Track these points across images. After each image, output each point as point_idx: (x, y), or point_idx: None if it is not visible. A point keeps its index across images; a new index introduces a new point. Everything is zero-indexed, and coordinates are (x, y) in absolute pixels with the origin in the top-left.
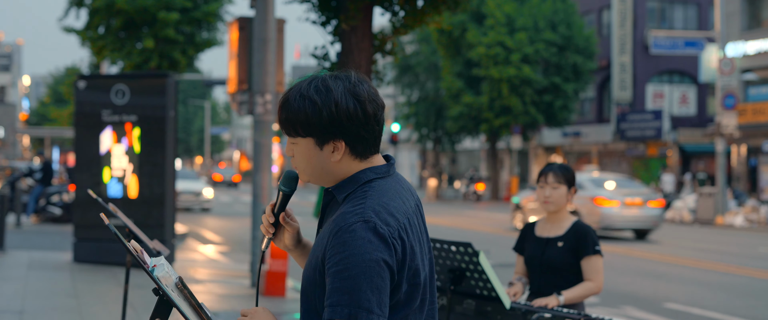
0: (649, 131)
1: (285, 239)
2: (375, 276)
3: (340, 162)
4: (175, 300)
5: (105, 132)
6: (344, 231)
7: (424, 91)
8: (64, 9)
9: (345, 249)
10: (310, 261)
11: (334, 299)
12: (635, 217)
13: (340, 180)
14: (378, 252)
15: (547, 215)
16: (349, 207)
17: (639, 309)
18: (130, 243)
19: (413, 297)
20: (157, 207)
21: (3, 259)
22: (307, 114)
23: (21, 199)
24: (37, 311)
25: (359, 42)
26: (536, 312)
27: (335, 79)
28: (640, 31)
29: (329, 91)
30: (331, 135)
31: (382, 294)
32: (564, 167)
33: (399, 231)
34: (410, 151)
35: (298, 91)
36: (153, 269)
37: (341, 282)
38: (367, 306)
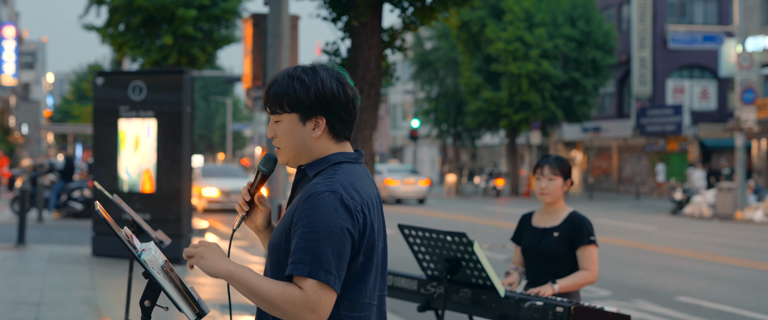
0: (669, 126)
1: (257, 219)
2: (337, 242)
3: (319, 139)
4: (160, 282)
5: (122, 127)
6: (314, 197)
7: (443, 86)
8: (85, 7)
9: (312, 214)
10: (279, 227)
11: (297, 257)
12: (409, 191)
13: (314, 159)
14: (343, 220)
15: (543, 206)
16: (320, 180)
17: (651, 303)
18: (123, 230)
19: (368, 272)
20: (175, 202)
21: (23, 253)
22: (295, 90)
23: (43, 195)
24: (54, 303)
25: (369, 38)
26: (529, 300)
27: (319, 67)
28: (660, 25)
29: (316, 72)
30: (314, 111)
31: (342, 260)
32: (559, 159)
33: (362, 206)
34: (430, 146)
35: (287, 73)
36: (141, 253)
37: (306, 242)
38: (327, 267)
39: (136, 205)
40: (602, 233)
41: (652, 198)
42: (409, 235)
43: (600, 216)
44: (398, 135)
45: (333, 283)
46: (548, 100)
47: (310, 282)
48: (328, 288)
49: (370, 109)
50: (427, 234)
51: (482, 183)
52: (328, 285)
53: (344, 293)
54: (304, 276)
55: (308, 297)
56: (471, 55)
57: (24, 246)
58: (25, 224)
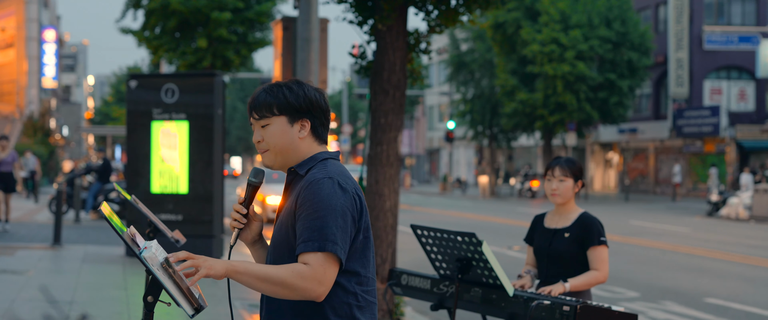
0: (707, 127)
1: (253, 231)
2: (340, 218)
3: (304, 140)
4: (159, 278)
5: (155, 129)
6: (314, 184)
7: (479, 88)
8: (122, 10)
9: (315, 197)
10: (281, 221)
11: (306, 235)
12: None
13: (301, 160)
14: (342, 200)
15: (555, 207)
16: (315, 171)
17: (679, 304)
18: (128, 229)
19: (367, 248)
20: (207, 203)
21: (59, 253)
22: (285, 95)
23: (80, 196)
24: (86, 302)
25: (394, 41)
26: (537, 298)
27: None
28: (697, 26)
29: (299, 83)
30: (301, 114)
31: (345, 235)
32: (570, 161)
33: (355, 190)
34: (466, 148)
35: (274, 85)
36: (142, 251)
37: (312, 221)
38: (333, 239)
39: (170, 206)
40: (636, 235)
41: (688, 200)
42: (421, 235)
43: (635, 218)
44: (434, 136)
45: (339, 253)
46: (584, 102)
47: (318, 256)
48: (333, 260)
49: (395, 111)
50: (438, 234)
51: (517, 184)
52: (336, 254)
53: (354, 269)
54: (313, 251)
55: (315, 270)
56: (506, 56)
57: (60, 246)
58: (61, 224)
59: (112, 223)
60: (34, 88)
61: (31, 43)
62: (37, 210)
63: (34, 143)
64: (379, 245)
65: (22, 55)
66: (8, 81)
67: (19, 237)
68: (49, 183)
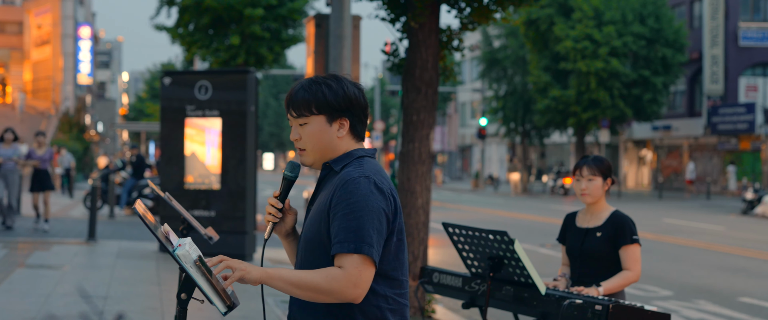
0: (742, 125)
1: (287, 224)
2: (375, 220)
3: (343, 139)
4: (192, 276)
5: (189, 126)
6: (350, 182)
7: (511, 85)
8: (156, 7)
9: (351, 196)
10: (314, 218)
11: (342, 236)
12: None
13: (338, 156)
14: (378, 201)
15: (586, 206)
16: (351, 169)
17: (712, 303)
18: (161, 227)
19: (401, 251)
20: (240, 200)
21: (93, 248)
22: (324, 94)
23: (114, 192)
24: (120, 297)
25: (426, 38)
26: (569, 297)
27: (340, 76)
28: (732, 22)
29: (338, 80)
30: (340, 113)
31: (380, 237)
32: (598, 159)
33: (391, 190)
34: (498, 145)
35: (312, 81)
36: (175, 248)
37: (348, 222)
38: (369, 242)
39: (203, 202)
40: (670, 233)
41: (724, 198)
42: (453, 233)
43: (668, 216)
44: (467, 133)
45: (374, 256)
46: (617, 99)
47: (354, 258)
48: (369, 262)
49: (427, 109)
50: (470, 232)
51: (550, 181)
52: (371, 257)
53: (386, 272)
54: (349, 253)
55: (350, 273)
56: (539, 53)
57: (94, 241)
58: (95, 220)
59: (145, 221)
60: (70, 84)
61: (66, 40)
62: (72, 206)
63: (70, 139)
64: (411, 242)
65: (58, 52)
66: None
67: (54, 233)
68: (83, 179)
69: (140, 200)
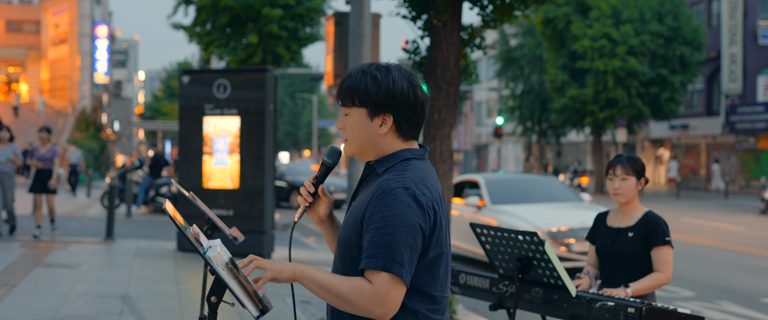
0: (760, 124)
1: (320, 210)
2: (409, 237)
3: (385, 136)
4: (224, 279)
5: (207, 125)
6: (387, 193)
7: (528, 83)
8: (173, 6)
9: (386, 209)
10: (349, 222)
11: (372, 251)
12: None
13: (381, 156)
14: (415, 216)
15: (618, 206)
16: (391, 176)
17: (735, 304)
18: (191, 227)
19: (437, 266)
20: (257, 199)
21: (111, 247)
22: (367, 86)
23: (132, 191)
24: (139, 296)
25: (448, 36)
26: (600, 300)
27: (394, 66)
28: (751, 21)
29: (389, 71)
30: (383, 108)
31: (413, 255)
32: (632, 159)
33: (433, 202)
34: (515, 144)
35: (361, 69)
36: (206, 250)
37: (380, 237)
38: (399, 261)
39: (220, 201)
40: (688, 232)
41: (741, 197)
42: (481, 234)
43: (686, 216)
44: (483, 132)
45: (405, 276)
46: (635, 97)
47: (382, 276)
48: (398, 281)
49: (448, 107)
50: (498, 233)
51: (566, 180)
52: (401, 277)
53: (419, 287)
54: (377, 270)
55: (377, 290)
56: (556, 52)
57: (112, 240)
58: (113, 219)
59: (175, 222)
60: (87, 83)
61: (83, 39)
62: (89, 205)
63: (87, 138)
64: None
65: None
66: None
67: (71, 231)
68: (100, 178)
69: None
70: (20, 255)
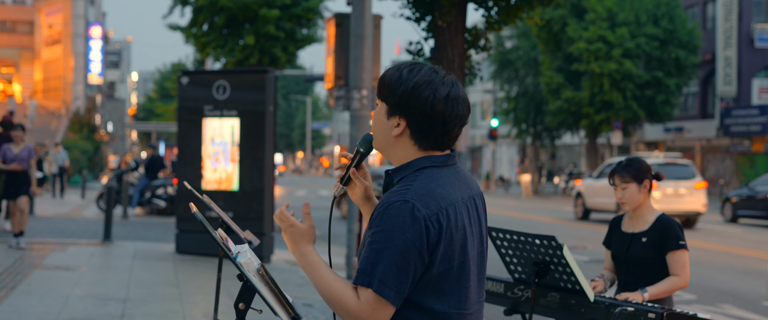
0: (755, 127)
1: (356, 193)
2: (397, 255)
3: (399, 139)
4: (256, 285)
5: (206, 126)
6: (385, 207)
7: (523, 86)
8: (169, 7)
9: (380, 224)
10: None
11: (362, 267)
12: None
13: (400, 163)
14: (408, 233)
15: (631, 211)
16: (398, 188)
17: (738, 307)
18: (217, 231)
19: (443, 279)
20: (257, 201)
21: (110, 249)
22: (391, 81)
23: (128, 192)
24: (140, 299)
25: (453, 38)
26: (620, 305)
27: (434, 70)
28: (745, 24)
29: (418, 74)
30: (398, 109)
31: (401, 273)
32: (628, 164)
33: (438, 215)
34: (509, 146)
35: (402, 63)
36: (236, 255)
37: (370, 252)
38: (382, 279)
39: (219, 203)
40: (687, 236)
41: None
42: (496, 237)
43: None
44: (477, 134)
45: (388, 297)
46: (630, 100)
47: (368, 293)
48: (381, 301)
49: None
50: (514, 236)
51: (561, 183)
52: (384, 298)
53: (423, 303)
54: (364, 286)
55: (361, 308)
56: (552, 54)
57: (110, 242)
58: (111, 221)
59: (206, 225)
60: (80, 84)
61: (77, 40)
62: (85, 206)
63: (80, 139)
64: None
65: (69, 52)
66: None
67: (68, 233)
68: (94, 179)
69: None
70: (18, 258)
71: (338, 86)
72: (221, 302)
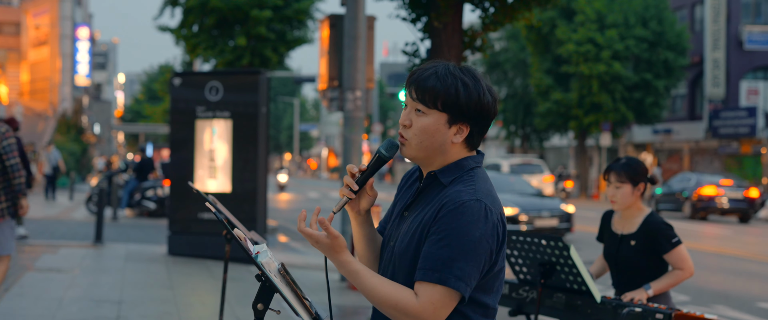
0: (743, 128)
1: (362, 204)
2: (472, 253)
3: (456, 145)
4: (277, 285)
5: (199, 127)
6: (459, 205)
7: (512, 87)
8: (160, 8)
9: (454, 222)
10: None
11: (429, 264)
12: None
13: (445, 164)
14: (483, 229)
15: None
16: (462, 187)
17: (731, 308)
18: (234, 231)
19: (497, 278)
20: (249, 202)
21: (101, 251)
22: (457, 92)
23: (118, 194)
24: (135, 301)
25: (449, 39)
26: (626, 306)
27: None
28: (734, 26)
29: (478, 80)
30: (464, 117)
31: (475, 270)
32: (628, 165)
33: (500, 215)
34: (498, 148)
35: (448, 70)
36: (256, 255)
37: (440, 249)
38: (458, 274)
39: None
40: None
41: None
42: None
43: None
44: None
45: (464, 291)
46: (619, 102)
47: (435, 290)
48: (452, 297)
49: None
50: (520, 237)
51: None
52: (459, 291)
53: (481, 300)
54: (431, 282)
55: (423, 307)
56: (541, 56)
57: (102, 244)
58: (102, 222)
59: (226, 225)
60: (67, 85)
61: (64, 41)
62: (74, 208)
63: (68, 141)
64: None
65: (56, 53)
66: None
67: (59, 235)
68: (82, 181)
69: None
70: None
71: (332, 87)
72: (214, 304)
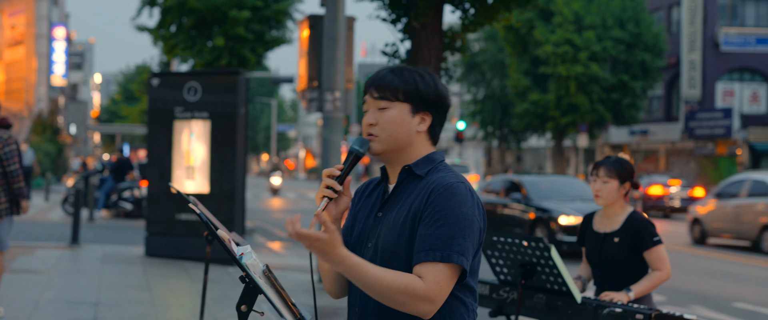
0: (719, 129)
1: (341, 205)
2: (468, 229)
3: (420, 135)
4: (262, 287)
5: (177, 128)
6: (448, 186)
7: (490, 88)
8: (137, 8)
9: (446, 202)
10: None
11: (429, 244)
12: None
13: (416, 158)
14: (473, 210)
15: (603, 208)
16: (443, 174)
17: (708, 309)
18: (219, 232)
19: (478, 261)
20: (228, 203)
21: (78, 253)
22: (416, 83)
23: (94, 195)
24: (111, 303)
25: (429, 39)
26: (607, 306)
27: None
28: (710, 28)
29: (432, 75)
30: (426, 106)
31: (471, 246)
32: (619, 162)
33: (480, 200)
34: (475, 148)
35: (403, 68)
36: (241, 257)
37: (438, 229)
38: (459, 250)
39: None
40: None
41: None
42: None
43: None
44: (443, 136)
45: (465, 264)
46: (596, 103)
47: (438, 269)
48: (454, 273)
49: None
50: (501, 238)
51: None
52: (462, 265)
53: (472, 286)
54: (434, 261)
55: (430, 287)
56: (519, 57)
57: (78, 245)
58: (79, 223)
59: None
60: (43, 85)
61: (40, 41)
62: (49, 209)
63: (43, 141)
64: None
65: (32, 53)
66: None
67: (34, 236)
68: (57, 181)
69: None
70: None
71: (311, 88)
72: (192, 305)
